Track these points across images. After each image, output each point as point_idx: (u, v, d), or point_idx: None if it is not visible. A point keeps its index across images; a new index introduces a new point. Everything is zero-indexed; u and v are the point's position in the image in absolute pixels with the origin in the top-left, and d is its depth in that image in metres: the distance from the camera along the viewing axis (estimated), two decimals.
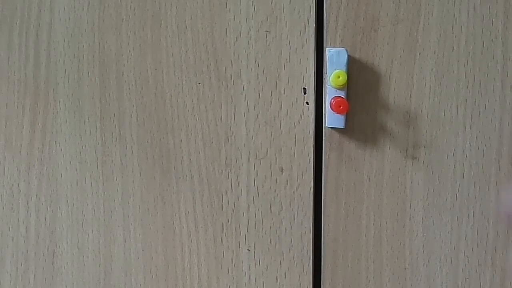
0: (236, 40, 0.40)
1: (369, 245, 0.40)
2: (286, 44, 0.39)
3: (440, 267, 0.39)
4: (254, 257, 0.40)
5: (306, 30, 0.38)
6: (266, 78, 0.39)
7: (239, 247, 0.40)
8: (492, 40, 0.37)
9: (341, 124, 0.38)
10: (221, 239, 0.41)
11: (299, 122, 0.39)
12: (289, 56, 0.39)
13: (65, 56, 0.41)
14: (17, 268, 0.42)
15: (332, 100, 0.37)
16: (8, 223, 0.42)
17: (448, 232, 0.39)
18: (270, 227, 0.40)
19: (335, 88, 0.37)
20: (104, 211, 0.41)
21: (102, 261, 0.42)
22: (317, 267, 0.40)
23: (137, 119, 0.41)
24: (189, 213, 0.41)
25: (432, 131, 0.38)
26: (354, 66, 0.38)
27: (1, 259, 0.42)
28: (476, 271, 0.39)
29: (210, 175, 0.40)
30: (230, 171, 0.40)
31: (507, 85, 0.37)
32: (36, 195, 0.42)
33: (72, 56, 0.41)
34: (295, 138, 0.39)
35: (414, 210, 0.39)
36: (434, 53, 0.38)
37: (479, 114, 0.38)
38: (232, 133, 0.40)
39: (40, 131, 0.42)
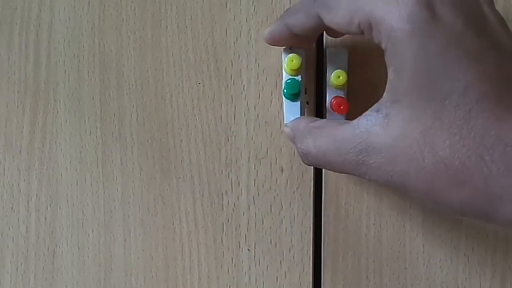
0: (236, 40, 0.40)
1: (369, 245, 0.40)
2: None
3: (440, 267, 0.39)
4: (254, 257, 0.40)
5: None
6: (266, 78, 0.39)
7: (239, 247, 0.41)
8: None
9: None
10: (221, 239, 0.41)
11: None
12: None
13: (65, 56, 0.41)
14: (17, 268, 0.42)
15: (332, 100, 0.37)
16: (8, 223, 0.42)
17: (448, 232, 0.39)
18: (270, 227, 0.40)
19: (335, 88, 0.37)
20: (104, 211, 0.41)
21: (102, 261, 0.42)
22: (317, 267, 0.40)
23: (137, 119, 0.41)
24: (189, 213, 0.41)
25: None
26: (354, 66, 0.38)
27: (1, 259, 0.42)
28: (476, 271, 0.39)
29: (210, 175, 0.40)
30: (230, 171, 0.40)
31: None
32: (36, 195, 0.42)
33: (72, 56, 0.41)
34: None
35: (414, 210, 0.39)
36: None
37: None
38: (232, 133, 0.40)
39: (40, 131, 0.42)
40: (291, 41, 0.35)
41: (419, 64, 0.28)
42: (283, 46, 0.36)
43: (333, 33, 0.36)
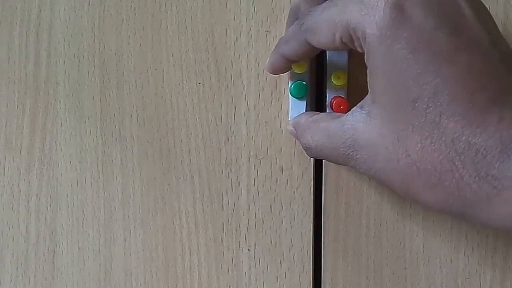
0: (236, 40, 0.40)
1: (369, 245, 0.40)
2: None
3: (440, 267, 0.39)
4: (254, 256, 0.40)
5: None
6: (266, 78, 0.39)
7: (239, 247, 0.41)
8: None
9: None
10: (221, 239, 0.41)
11: None
12: None
13: (65, 56, 0.41)
14: (17, 268, 0.42)
15: (332, 100, 0.37)
16: (8, 223, 0.42)
17: (448, 232, 0.39)
18: (270, 227, 0.40)
19: (335, 88, 0.37)
20: (104, 211, 0.41)
21: (102, 261, 0.42)
22: (317, 267, 0.40)
23: (137, 119, 0.41)
24: (189, 213, 0.41)
25: None
26: (354, 66, 0.38)
27: (1, 259, 0.42)
28: (476, 271, 0.39)
29: (210, 175, 0.40)
30: (230, 171, 0.40)
31: None
32: (36, 195, 0.42)
33: (72, 56, 0.41)
34: (295, 138, 0.39)
35: (414, 210, 0.39)
36: None
37: None
38: (232, 133, 0.40)
39: (40, 131, 0.42)
40: (291, 66, 0.36)
41: (388, 69, 0.28)
42: (286, 72, 0.37)
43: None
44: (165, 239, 0.41)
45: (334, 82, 0.37)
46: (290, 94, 0.37)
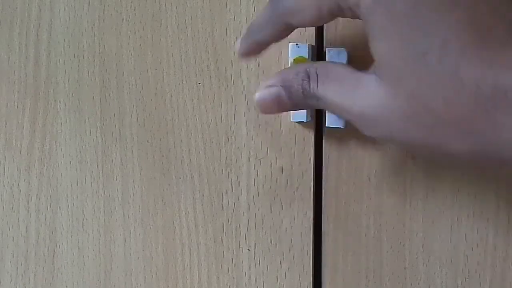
0: (236, 40, 0.40)
1: (369, 245, 0.40)
2: (286, 44, 0.39)
3: (440, 267, 0.39)
4: (254, 257, 0.40)
5: (306, 30, 0.39)
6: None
7: (239, 247, 0.41)
8: None
9: (341, 124, 0.38)
10: (221, 239, 0.41)
11: (299, 122, 0.39)
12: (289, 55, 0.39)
13: (65, 56, 0.41)
14: (17, 268, 0.42)
15: None
16: (8, 223, 0.42)
17: (448, 232, 0.39)
18: (270, 227, 0.40)
19: None
20: (104, 211, 0.42)
21: (102, 261, 0.42)
22: (317, 267, 0.40)
23: (137, 119, 0.41)
24: (189, 213, 0.41)
25: None
26: (354, 66, 0.38)
27: (1, 259, 0.42)
28: (476, 271, 0.39)
29: (210, 175, 0.40)
30: (230, 171, 0.40)
31: None
32: (36, 195, 0.42)
33: (72, 56, 0.41)
34: (295, 138, 0.39)
35: (414, 210, 0.39)
36: None
37: None
38: (232, 133, 0.40)
39: (40, 131, 0.42)
40: (265, 49, 0.35)
41: (390, 28, 0.27)
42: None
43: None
44: (165, 239, 0.41)
45: None
46: None
